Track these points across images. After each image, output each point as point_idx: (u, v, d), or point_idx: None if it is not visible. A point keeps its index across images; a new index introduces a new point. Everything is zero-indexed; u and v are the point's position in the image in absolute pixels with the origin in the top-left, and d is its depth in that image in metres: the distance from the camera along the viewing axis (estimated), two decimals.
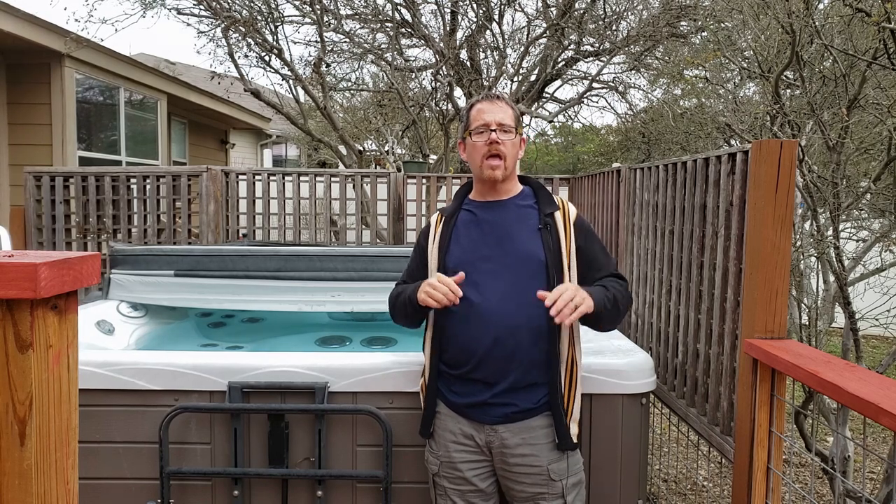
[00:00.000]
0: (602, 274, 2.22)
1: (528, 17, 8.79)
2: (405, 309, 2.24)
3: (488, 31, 8.73)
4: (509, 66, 8.64)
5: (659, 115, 9.13)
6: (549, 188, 5.60)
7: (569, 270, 2.14)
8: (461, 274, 2.06)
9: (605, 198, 4.29)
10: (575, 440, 2.15)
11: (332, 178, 5.66)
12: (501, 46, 8.53)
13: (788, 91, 4.75)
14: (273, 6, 7.83)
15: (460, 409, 2.17)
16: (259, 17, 7.73)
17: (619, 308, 2.14)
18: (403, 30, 8.64)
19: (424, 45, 8.70)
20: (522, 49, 8.76)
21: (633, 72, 9.36)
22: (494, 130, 2.13)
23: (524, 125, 2.29)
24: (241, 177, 5.63)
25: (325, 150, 13.26)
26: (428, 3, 8.81)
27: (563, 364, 2.13)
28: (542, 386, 2.12)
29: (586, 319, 2.10)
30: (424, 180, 5.80)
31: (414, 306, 2.16)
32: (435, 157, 10.21)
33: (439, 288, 2.02)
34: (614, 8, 8.39)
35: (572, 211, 2.23)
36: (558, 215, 2.18)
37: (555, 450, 2.13)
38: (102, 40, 7.95)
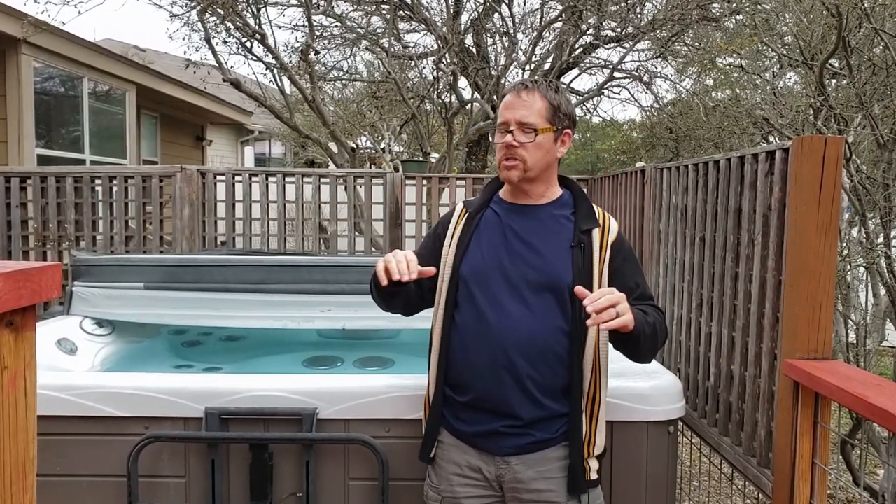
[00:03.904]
0: (635, 297, 2.13)
1: None
2: (373, 281, 2.20)
3: (496, 14, 8.76)
4: (520, 53, 8.67)
5: (688, 108, 9.15)
6: None
7: None
8: (431, 269, 2.08)
9: (628, 201, 4.30)
10: (594, 475, 2.13)
11: (322, 179, 5.67)
12: (511, 31, 8.56)
13: (834, 81, 4.76)
14: None
15: (468, 439, 2.16)
16: None
17: (657, 338, 2.09)
18: (401, 12, 8.68)
19: (425, 29, 8.74)
20: (535, 34, 8.79)
21: (660, 60, 9.38)
22: (511, 131, 2.10)
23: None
24: (219, 177, 5.65)
25: (314, 148, 13.31)
26: None
27: (584, 395, 2.11)
28: (561, 416, 2.11)
29: (622, 345, 2.09)
30: (425, 181, 5.82)
31: (374, 279, 2.14)
32: (437, 155, 10.22)
33: (391, 262, 2.02)
34: None
35: (613, 228, 2.17)
36: (596, 234, 2.14)
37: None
38: (64, 24, 7.96)
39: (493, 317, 2.10)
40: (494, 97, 7.95)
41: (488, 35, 9.01)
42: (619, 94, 11.53)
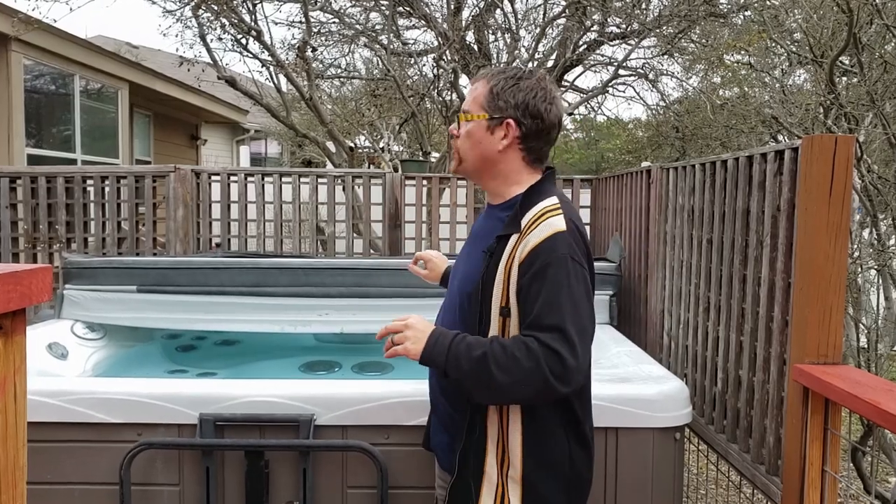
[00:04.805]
0: (526, 326, 1.76)
1: None
2: None
3: (498, 10, 8.76)
4: (523, 50, 8.67)
5: (695, 106, 9.14)
6: (569, 191, 5.60)
7: (503, 317, 1.81)
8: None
9: (634, 202, 4.30)
10: None
11: (319, 179, 5.67)
12: (514, 28, 8.56)
13: (844, 79, 4.76)
14: None
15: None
16: None
17: (487, 373, 1.70)
18: (401, 8, 8.68)
19: (425, 26, 8.74)
20: (538, 31, 8.80)
21: (666, 57, 9.38)
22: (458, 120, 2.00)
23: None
24: (214, 177, 5.65)
25: (311, 147, 13.31)
26: None
27: (492, 439, 1.86)
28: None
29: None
30: (425, 181, 5.81)
31: None
32: (437, 154, 10.23)
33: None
34: None
35: (533, 238, 1.77)
36: (511, 241, 1.82)
37: None
38: (55, 21, 7.97)
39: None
40: None
41: (490, 31, 9.01)
42: (624, 92, 11.52)
